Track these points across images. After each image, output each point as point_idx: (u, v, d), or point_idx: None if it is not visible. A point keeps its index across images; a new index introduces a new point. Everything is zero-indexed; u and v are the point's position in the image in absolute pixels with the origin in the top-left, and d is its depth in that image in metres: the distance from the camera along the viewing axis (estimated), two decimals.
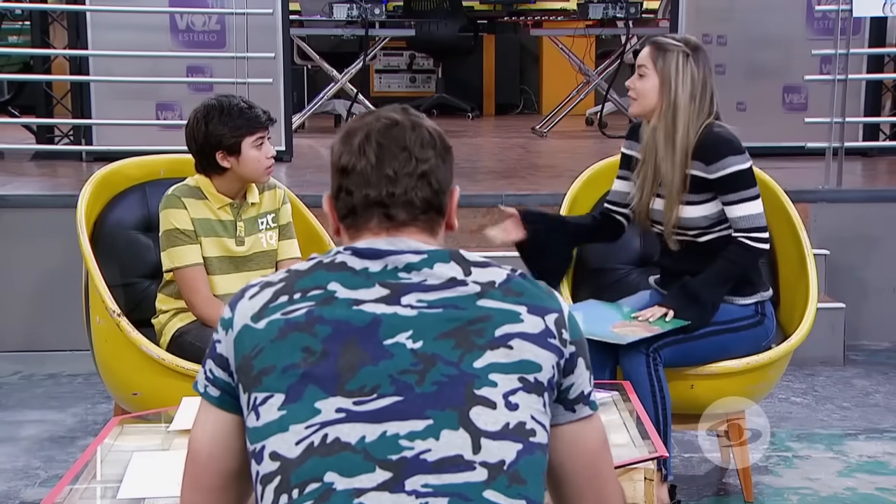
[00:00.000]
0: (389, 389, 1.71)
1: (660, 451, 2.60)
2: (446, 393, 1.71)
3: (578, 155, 7.41)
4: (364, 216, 1.83)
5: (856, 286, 5.56)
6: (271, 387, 1.74)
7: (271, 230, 3.67)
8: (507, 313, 1.77)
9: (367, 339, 1.74)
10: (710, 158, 3.44)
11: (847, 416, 4.57)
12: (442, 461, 1.68)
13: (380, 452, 1.68)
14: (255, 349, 1.77)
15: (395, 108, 1.89)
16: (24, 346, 5.32)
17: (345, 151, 1.84)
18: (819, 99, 6.38)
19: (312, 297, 1.77)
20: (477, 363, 1.73)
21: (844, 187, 5.80)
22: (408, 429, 1.69)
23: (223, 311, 1.86)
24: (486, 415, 1.71)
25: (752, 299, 3.55)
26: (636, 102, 3.52)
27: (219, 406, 1.85)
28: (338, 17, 8.12)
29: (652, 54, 3.48)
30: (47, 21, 7.09)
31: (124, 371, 3.59)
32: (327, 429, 1.69)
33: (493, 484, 1.68)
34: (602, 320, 3.50)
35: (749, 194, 3.47)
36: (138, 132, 6.35)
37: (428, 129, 1.86)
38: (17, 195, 5.57)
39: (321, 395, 1.71)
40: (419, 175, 1.82)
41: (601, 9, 8.30)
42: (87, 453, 2.56)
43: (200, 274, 3.52)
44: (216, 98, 3.54)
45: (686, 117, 3.44)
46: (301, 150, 7.25)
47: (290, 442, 1.70)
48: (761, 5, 6.84)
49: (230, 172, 3.53)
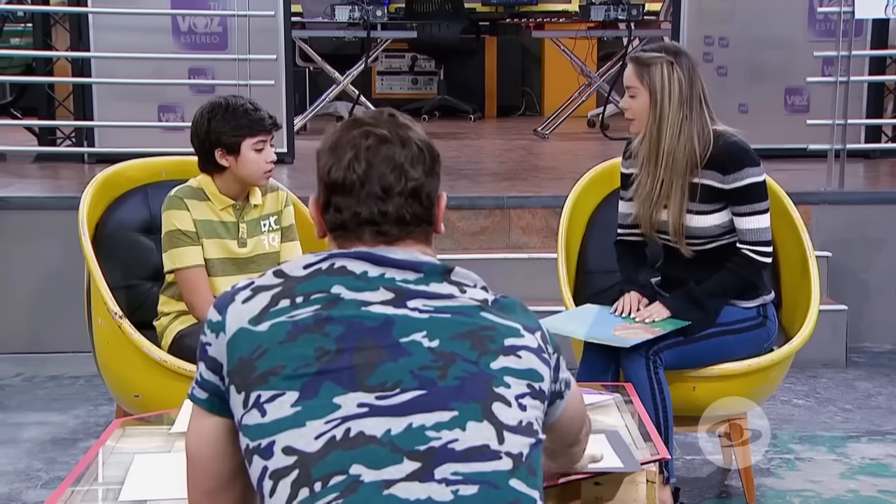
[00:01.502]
0: (412, 384, 1.73)
1: (662, 454, 2.60)
2: (468, 387, 1.74)
3: (580, 157, 7.41)
4: (356, 232, 1.85)
5: (858, 288, 5.56)
6: (281, 385, 1.74)
7: (274, 232, 3.67)
8: (509, 328, 1.83)
9: (383, 337, 1.75)
10: (728, 168, 3.43)
11: (849, 418, 4.56)
12: (469, 450, 1.70)
13: (407, 444, 1.69)
14: (258, 350, 1.77)
15: (383, 119, 1.87)
16: (26, 348, 5.32)
17: (334, 167, 1.84)
18: (821, 101, 6.37)
19: (316, 300, 1.78)
20: (493, 364, 1.78)
21: (846, 189, 5.80)
22: (434, 420, 1.71)
23: (209, 313, 1.86)
24: (505, 411, 1.75)
25: (755, 302, 3.55)
26: (634, 122, 3.52)
27: (208, 410, 1.86)
28: (340, 19, 8.11)
29: (637, 72, 3.47)
30: (49, 23, 7.09)
31: (126, 373, 3.59)
32: (350, 423, 1.70)
33: (516, 473, 1.73)
34: (603, 324, 3.50)
35: (760, 207, 3.47)
36: (140, 134, 6.36)
37: (417, 144, 1.86)
38: (20, 197, 5.57)
39: (339, 391, 1.72)
40: (409, 192, 1.83)
41: (603, 11, 8.31)
42: (89, 455, 2.56)
43: (201, 275, 3.52)
44: (224, 97, 3.56)
45: (671, 127, 3.43)
46: (303, 152, 7.23)
47: (307, 437, 1.70)
48: (763, 7, 6.84)
49: (229, 172, 3.53)
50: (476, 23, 10.13)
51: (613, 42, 9.48)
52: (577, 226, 4.04)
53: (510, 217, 5.57)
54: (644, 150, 3.51)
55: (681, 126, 3.43)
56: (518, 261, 5.34)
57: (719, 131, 3.48)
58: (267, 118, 3.54)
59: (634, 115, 3.50)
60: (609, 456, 2.51)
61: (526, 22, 9.61)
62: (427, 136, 1.89)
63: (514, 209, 5.57)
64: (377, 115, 1.89)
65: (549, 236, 5.34)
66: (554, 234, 4.24)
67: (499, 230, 5.56)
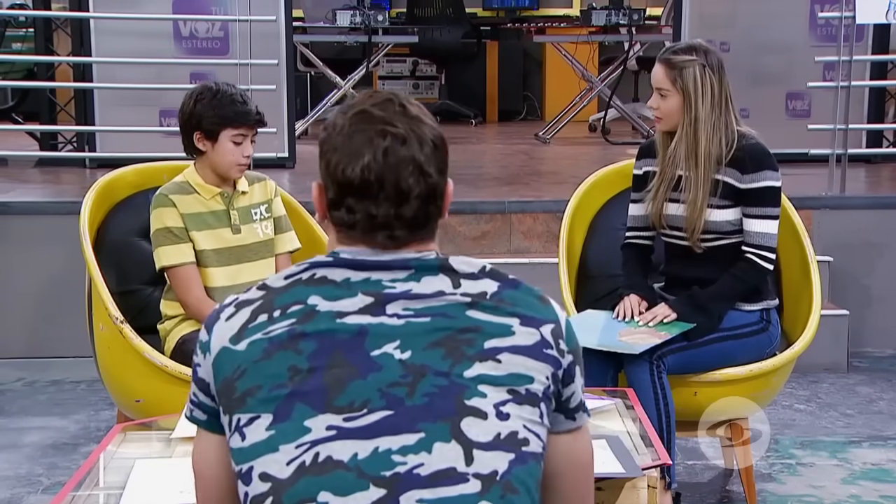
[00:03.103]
0: (380, 403, 1.68)
1: (663, 459, 2.59)
2: (437, 404, 1.68)
3: (582, 161, 7.39)
4: (366, 235, 1.77)
5: (859, 293, 5.55)
6: (257, 408, 1.70)
7: (265, 220, 3.67)
8: (498, 326, 1.74)
9: (354, 351, 1.71)
10: (747, 169, 3.46)
11: (851, 423, 4.55)
12: (436, 475, 1.65)
13: (373, 469, 1.65)
14: (237, 371, 1.74)
15: (394, 112, 1.76)
16: (28, 353, 5.32)
17: (348, 166, 1.74)
18: (822, 106, 6.36)
19: (292, 313, 1.73)
20: (467, 373, 1.70)
21: (848, 194, 5.79)
22: (400, 443, 1.66)
23: (201, 333, 1.82)
24: (476, 426, 1.68)
25: (758, 305, 3.55)
26: (663, 122, 3.54)
27: (210, 430, 1.83)
28: (341, 24, 8.12)
29: (668, 74, 3.48)
30: (51, 28, 7.10)
31: (127, 378, 3.58)
32: (319, 447, 1.67)
33: (486, 495, 1.66)
34: (608, 329, 3.49)
35: (772, 212, 3.49)
36: (142, 139, 6.36)
37: (432, 140, 1.77)
38: (21, 202, 5.57)
39: (310, 413, 1.68)
40: (427, 194, 1.76)
41: (604, 15, 8.31)
42: (90, 460, 2.55)
43: (192, 272, 3.52)
44: (217, 83, 3.55)
45: (707, 128, 3.46)
46: (304, 157, 7.22)
47: (280, 462, 1.67)
48: (764, 12, 6.84)
49: (206, 158, 3.54)
50: (477, 27, 10.13)
51: (615, 46, 9.48)
52: (579, 231, 4.04)
53: (511, 222, 5.56)
54: (682, 151, 3.51)
55: (714, 126, 3.47)
56: (519, 266, 5.32)
57: (742, 131, 3.51)
58: (252, 113, 3.52)
59: (663, 115, 3.52)
60: (610, 461, 2.50)
61: (527, 26, 9.62)
62: (434, 122, 1.81)
63: (515, 214, 5.57)
64: (386, 106, 1.77)
65: (551, 241, 5.33)
66: (555, 238, 4.24)
67: (500, 235, 5.56)
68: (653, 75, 3.55)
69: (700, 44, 3.55)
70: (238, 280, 3.54)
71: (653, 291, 3.65)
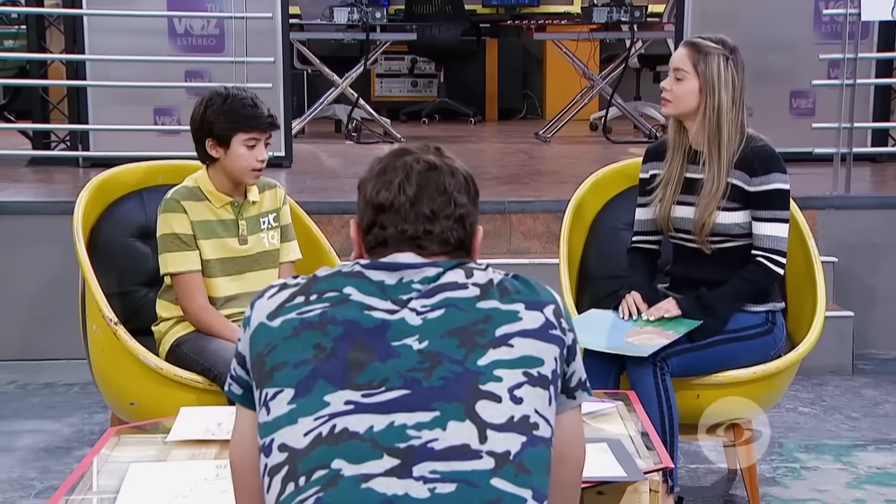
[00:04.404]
0: (398, 383, 1.78)
1: (665, 462, 2.58)
2: (452, 388, 1.77)
3: (582, 160, 7.37)
4: (396, 248, 1.90)
5: (864, 294, 5.51)
6: (281, 382, 1.81)
7: (273, 230, 3.64)
8: (506, 313, 1.86)
9: (376, 339, 1.81)
10: (755, 171, 3.43)
11: (856, 426, 4.52)
12: (449, 449, 1.73)
13: (387, 440, 1.74)
14: (268, 346, 1.85)
15: (429, 149, 1.95)
16: (20, 355, 5.28)
17: (382, 188, 1.90)
18: (827, 104, 6.31)
19: (327, 298, 1.85)
20: (481, 361, 1.80)
21: (853, 194, 5.75)
22: (415, 419, 1.75)
23: (246, 309, 1.93)
24: (491, 408, 1.77)
25: (764, 307, 3.52)
26: (672, 105, 3.50)
27: (244, 405, 1.94)
28: (338, 21, 8.08)
29: (692, 57, 3.46)
30: (44, 25, 7.06)
31: (121, 380, 3.55)
32: (336, 420, 1.75)
33: (500, 472, 1.74)
34: (614, 330, 3.45)
35: (782, 215, 3.46)
36: (136, 137, 6.33)
37: (463, 175, 1.94)
38: (13, 202, 5.54)
39: (330, 388, 1.78)
40: (457, 218, 1.91)
41: (605, 13, 8.29)
42: (84, 464, 2.55)
43: (197, 281, 3.48)
44: (228, 87, 3.53)
45: (729, 122, 3.44)
46: (301, 156, 7.21)
47: (298, 433, 1.76)
48: (768, 9, 6.78)
49: (219, 165, 3.49)
50: (477, 25, 10.11)
51: (616, 44, 9.46)
52: (579, 231, 4.01)
53: (511, 222, 5.53)
54: (704, 138, 3.47)
55: (733, 121, 3.45)
56: (519, 266, 5.28)
57: (751, 133, 3.50)
58: (264, 116, 3.49)
59: (673, 98, 3.49)
60: (612, 464, 2.49)
61: (527, 24, 9.59)
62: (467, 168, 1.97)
63: (515, 214, 5.54)
64: (423, 146, 1.97)
65: (551, 241, 5.30)
66: (556, 239, 4.22)
67: (500, 235, 5.53)
68: (673, 57, 3.53)
69: (729, 40, 3.54)
70: (241, 289, 3.51)
71: (656, 292, 3.60)
